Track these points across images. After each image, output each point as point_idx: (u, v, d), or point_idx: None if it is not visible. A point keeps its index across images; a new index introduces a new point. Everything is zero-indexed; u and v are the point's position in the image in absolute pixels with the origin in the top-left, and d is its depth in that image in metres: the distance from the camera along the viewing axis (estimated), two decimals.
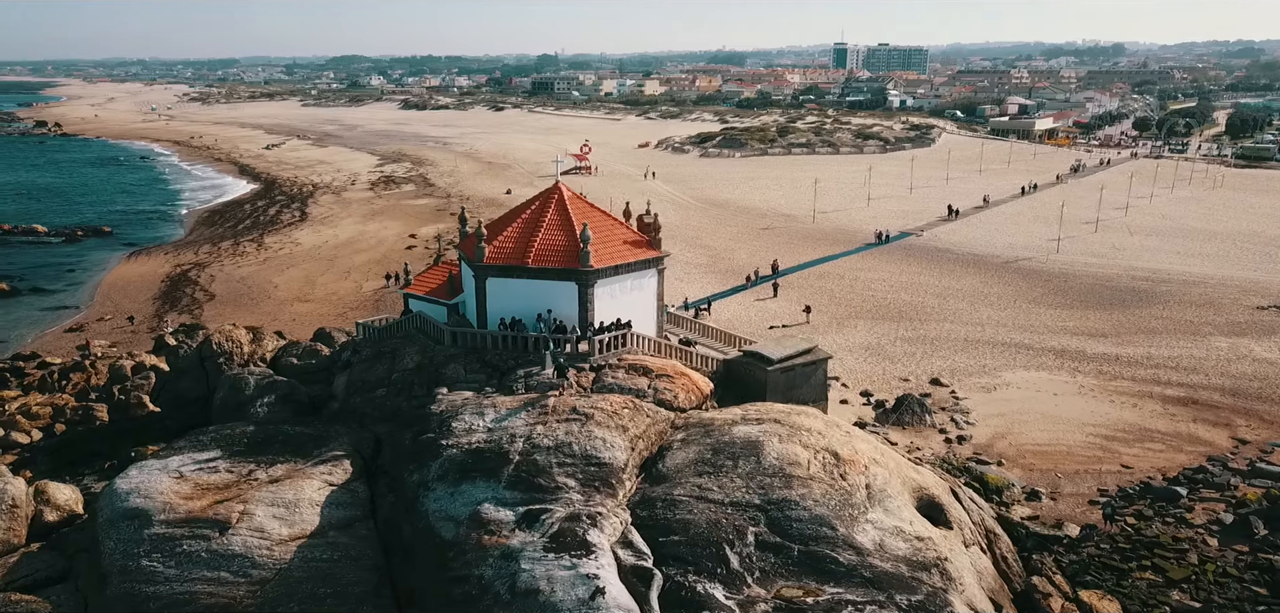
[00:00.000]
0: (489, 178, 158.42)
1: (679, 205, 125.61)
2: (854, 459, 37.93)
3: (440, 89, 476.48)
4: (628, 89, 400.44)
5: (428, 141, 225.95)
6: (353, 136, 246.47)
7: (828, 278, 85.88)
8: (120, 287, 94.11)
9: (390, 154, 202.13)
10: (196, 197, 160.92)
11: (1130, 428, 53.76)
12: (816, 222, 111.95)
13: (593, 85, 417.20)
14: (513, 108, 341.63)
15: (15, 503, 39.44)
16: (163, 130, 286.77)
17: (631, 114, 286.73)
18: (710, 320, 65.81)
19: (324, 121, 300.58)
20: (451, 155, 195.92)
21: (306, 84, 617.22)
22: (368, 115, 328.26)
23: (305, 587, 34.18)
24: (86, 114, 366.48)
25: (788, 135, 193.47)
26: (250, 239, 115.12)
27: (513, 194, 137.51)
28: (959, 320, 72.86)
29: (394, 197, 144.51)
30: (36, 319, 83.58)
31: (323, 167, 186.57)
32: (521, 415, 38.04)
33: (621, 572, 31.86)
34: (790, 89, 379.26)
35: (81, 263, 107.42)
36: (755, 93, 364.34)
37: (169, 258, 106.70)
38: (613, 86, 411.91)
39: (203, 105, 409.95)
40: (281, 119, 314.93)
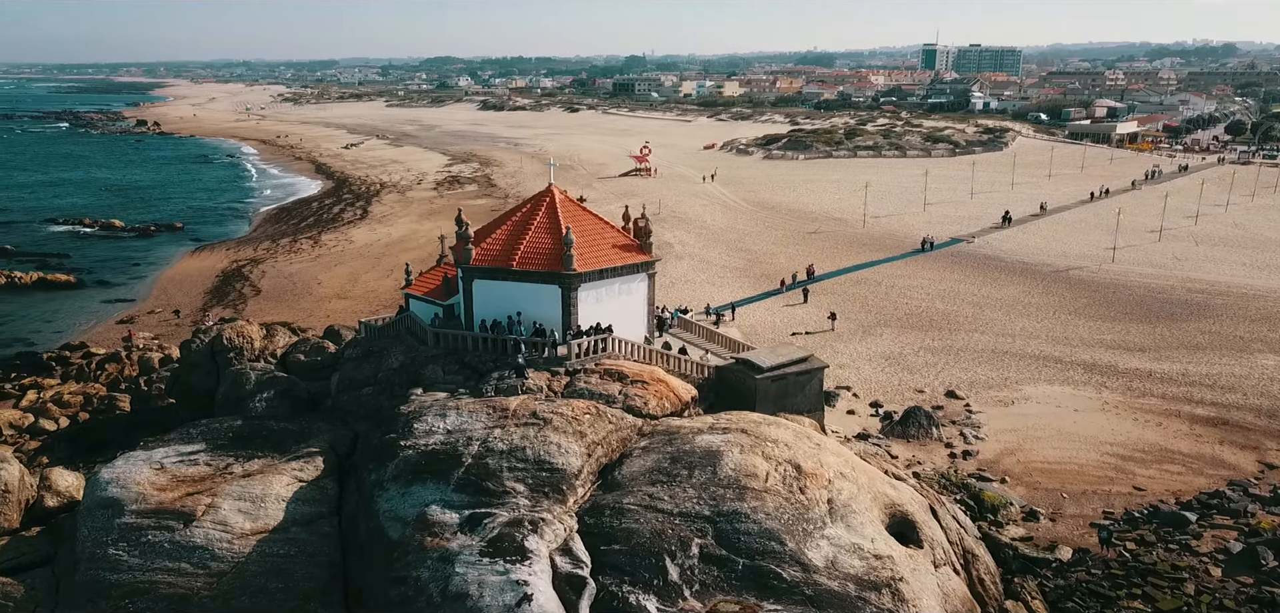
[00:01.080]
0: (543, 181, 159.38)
1: (729, 208, 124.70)
2: (817, 473, 37.02)
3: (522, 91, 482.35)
4: (706, 90, 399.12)
5: (500, 142, 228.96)
6: (429, 137, 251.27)
7: (864, 285, 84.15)
8: (177, 281, 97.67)
9: (461, 154, 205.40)
10: (269, 194, 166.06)
11: (1150, 448, 51.41)
12: (867, 226, 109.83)
13: (672, 87, 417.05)
14: (588, 109, 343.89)
15: (8, 488, 41.21)
16: (253, 129, 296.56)
17: (704, 115, 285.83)
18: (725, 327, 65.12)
19: (404, 122, 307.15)
20: (519, 156, 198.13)
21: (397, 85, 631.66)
22: (447, 116, 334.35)
23: (258, 580, 34.88)
24: (186, 113, 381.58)
25: (855, 138, 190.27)
26: (308, 236, 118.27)
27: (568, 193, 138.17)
28: (991, 331, 70.63)
29: (455, 196, 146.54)
30: (94, 311, 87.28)
31: (395, 166, 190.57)
32: (482, 418, 38.18)
33: (556, 579, 31.70)
34: (872, 91, 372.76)
35: (148, 257, 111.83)
36: (836, 94, 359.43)
37: (228, 254, 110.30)
38: (691, 88, 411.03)
39: (294, 105, 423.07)
40: (365, 119, 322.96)
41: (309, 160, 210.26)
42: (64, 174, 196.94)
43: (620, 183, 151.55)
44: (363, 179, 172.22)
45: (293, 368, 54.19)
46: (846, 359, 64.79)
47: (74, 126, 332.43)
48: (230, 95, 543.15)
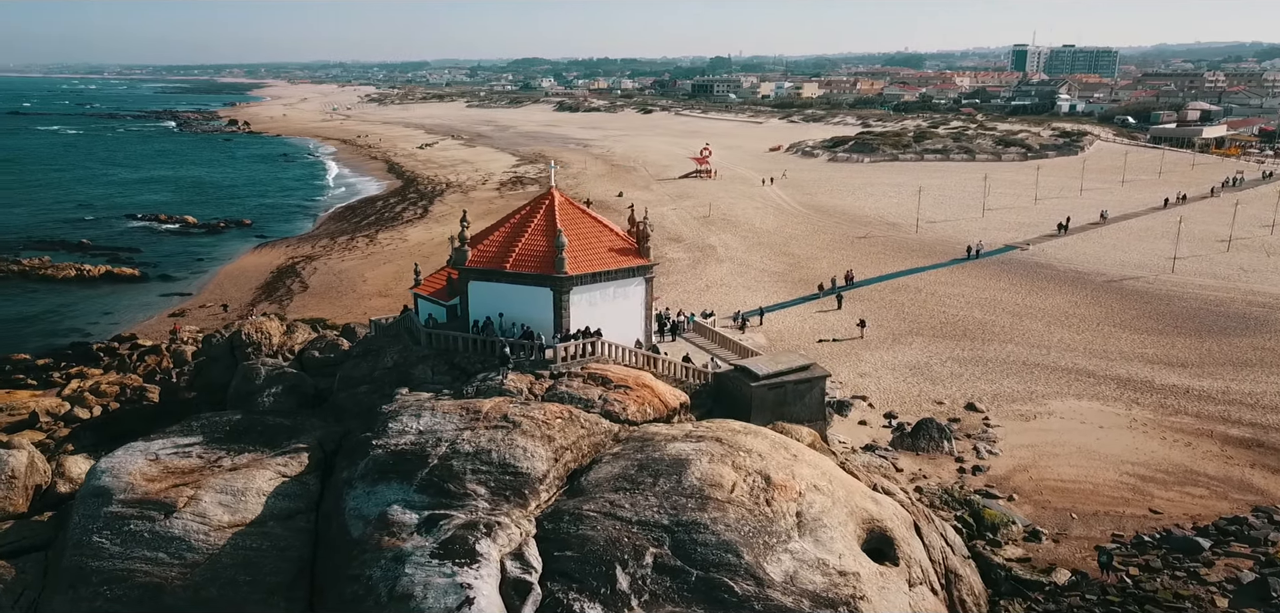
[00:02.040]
0: (610, 180, 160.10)
1: (782, 211, 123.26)
2: (787, 485, 36.28)
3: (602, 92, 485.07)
4: (785, 92, 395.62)
5: (570, 143, 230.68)
6: (502, 138, 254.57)
7: (904, 292, 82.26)
8: (233, 277, 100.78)
9: (529, 155, 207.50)
10: (339, 193, 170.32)
11: (1174, 469, 49.14)
12: (919, 232, 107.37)
13: (750, 88, 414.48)
14: (661, 111, 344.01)
15: (14, 474, 43.03)
16: (336, 129, 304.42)
17: (775, 117, 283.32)
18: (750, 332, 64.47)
19: (481, 122, 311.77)
20: (586, 157, 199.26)
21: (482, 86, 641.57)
22: (523, 117, 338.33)
23: (228, 573, 35.60)
24: (276, 113, 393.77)
25: (923, 141, 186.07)
26: (365, 235, 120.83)
27: (624, 197, 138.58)
28: (1026, 342, 68.33)
29: (516, 197, 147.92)
30: (150, 303, 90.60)
31: (464, 166, 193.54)
32: (454, 420, 38.40)
33: (503, 584, 31.72)
34: (955, 93, 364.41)
35: (212, 253, 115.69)
36: (917, 96, 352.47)
37: (287, 250, 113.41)
38: (770, 89, 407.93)
39: (379, 106, 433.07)
40: (443, 120, 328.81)
41: (383, 160, 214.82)
42: (153, 171, 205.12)
43: (678, 184, 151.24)
44: (430, 179, 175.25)
45: (308, 364, 55.38)
46: (869, 368, 63.47)
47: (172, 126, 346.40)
48: (322, 96, 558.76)
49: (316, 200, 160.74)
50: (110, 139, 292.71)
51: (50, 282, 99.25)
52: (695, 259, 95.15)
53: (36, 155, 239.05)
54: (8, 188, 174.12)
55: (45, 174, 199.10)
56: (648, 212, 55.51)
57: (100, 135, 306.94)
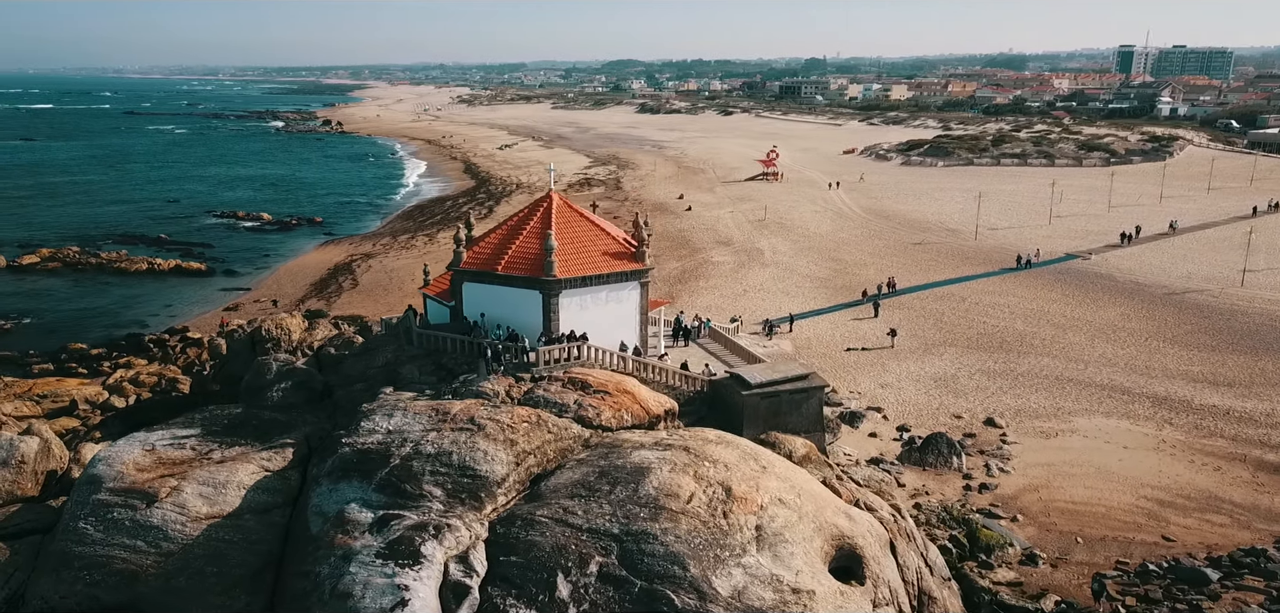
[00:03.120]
0: (676, 182, 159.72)
1: (841, 216, 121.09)
2: (747, 497, 35.46)
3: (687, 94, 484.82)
4: (873, 94, 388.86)
5: (646, 145, 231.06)
6: (581, 139, 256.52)
7: (947, 300, 79.91)
8: (292, 273, 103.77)
9: (603, 157, 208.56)
10: (412, 192, 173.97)
11: (1197, 494, 46.60)
12: (978, 239, 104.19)
13: (837, 90, 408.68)
14: (742, 113, 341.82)
15: (24, 459, 44.94)
16: (423, 130, 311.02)
17: (855, 119, 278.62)
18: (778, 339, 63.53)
19: (563, 124, 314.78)
20: (658, 159, 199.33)
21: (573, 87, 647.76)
22: (604, 118, 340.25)
23: (197, 564, 36.45)
24: (370, 114, 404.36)
25: (1002, 145, 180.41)
26: (427, 234, 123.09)
27: (685, 199, 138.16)
28: (1064, 355, 65.65)
29: (580, 198, 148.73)
30: (209, 297, 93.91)
31: (537, 167, 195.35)
32: (423, 421, 38.66)
33: (443, 586, 31.81)
34: (1051, 95, 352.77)
35: (279, 249, 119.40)
36: (1011, 99, 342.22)
37: (349, 248, 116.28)
38: (857, 92, 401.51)
39: (468, 107, 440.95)
40: (527, 121, 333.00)
41: (462, 160, 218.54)
42: (243, 169, 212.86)
43: (743, 187, 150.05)
44: (503, 180, 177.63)
45: (324, 361, 56.41)
46: (893, 378, 61.83)
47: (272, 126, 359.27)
48: (418, 97, 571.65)
49: (389, 199, 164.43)
50: (212, 138, 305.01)
51: (123, 274, 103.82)
52: (740, 263, 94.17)
53: (141, 153, 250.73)
54: (109, 184, 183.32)
55: (145, 171, 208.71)
56: (646, 218, 54.92)
57: (204, 135, 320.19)
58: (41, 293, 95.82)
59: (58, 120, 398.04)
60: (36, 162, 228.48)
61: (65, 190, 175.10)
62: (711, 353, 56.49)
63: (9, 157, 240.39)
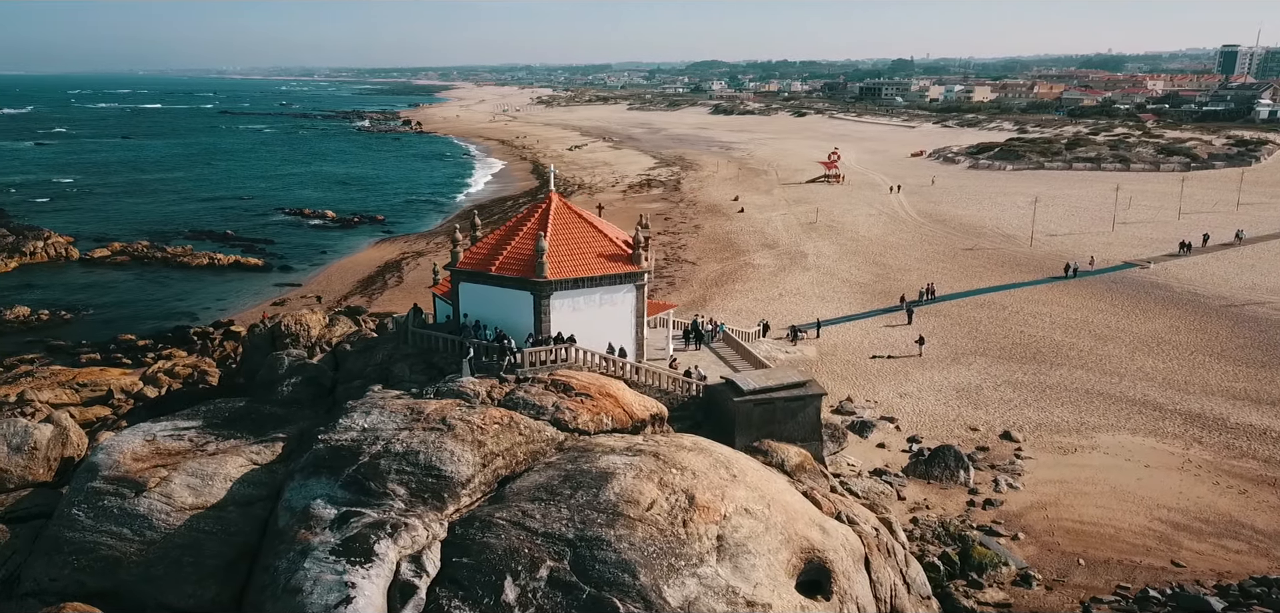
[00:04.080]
0: (735, 184, 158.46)
1: (895, 219, 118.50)
2: (709, 507, 34.84)
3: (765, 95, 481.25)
4: (954, 95, 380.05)
5: (713, 146, 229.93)
6: (650, 140, 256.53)
7: (987, 308, 77.47)
8: (344, 270, 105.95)
9: (669, 158, 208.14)
10: (475, 192, 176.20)
11: (1216, 518, 44.26)
12: (1033, 246, 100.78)
13: (918, 92, 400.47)
14: (816, 114, 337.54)
15: (36, 445, 46.72)
16: (498, 130, 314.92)
17: (930, 121, 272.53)
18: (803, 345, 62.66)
19: (635, 124, 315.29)
20: (722, 160, 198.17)
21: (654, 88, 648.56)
22: (677, 119, 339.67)
23: (175, 553, 37.30)
24: (450, 115, 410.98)
25: (1076, 148, 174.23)
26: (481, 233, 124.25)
27: (740, 201, 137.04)
28: (1099, 368, 63.06)
29: (637, 200, 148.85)
30: (260, 292, 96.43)
31: (603, 168, 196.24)
32: (397, 419, 38.96)
33: (392, 585, 31.97)
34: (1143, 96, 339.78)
35: (337, 246, 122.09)
36: (1098, 100, 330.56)
37: (403, 246, 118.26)
38: (939, 93, 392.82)
39: (546, 108, 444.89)
40: (601, 122, 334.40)
41: (530, 160, 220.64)
42: (318, 168, 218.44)
43: (802, 189, 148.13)
44: (566, 180, 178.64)
45: (340, 357, 57.49)
46: (913, 388, 60.20)
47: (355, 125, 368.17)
48: (501, 98, 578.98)
49: (452, 198, 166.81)
50: (297, 138, 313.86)
51: (185, 269, 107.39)
52: (781, 266, 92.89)
53: (227, 152, 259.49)
54: (192, 182, 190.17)
55: (228, 169, 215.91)
56: (646, 219, 54.50)
57: (291, 134, 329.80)
58: (106, 285, 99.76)
59: (156, 119, 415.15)
60: (129, 159, 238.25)
61: (150, 187, 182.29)
62: (723, 358, 55.81)
63: (107, 154, 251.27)
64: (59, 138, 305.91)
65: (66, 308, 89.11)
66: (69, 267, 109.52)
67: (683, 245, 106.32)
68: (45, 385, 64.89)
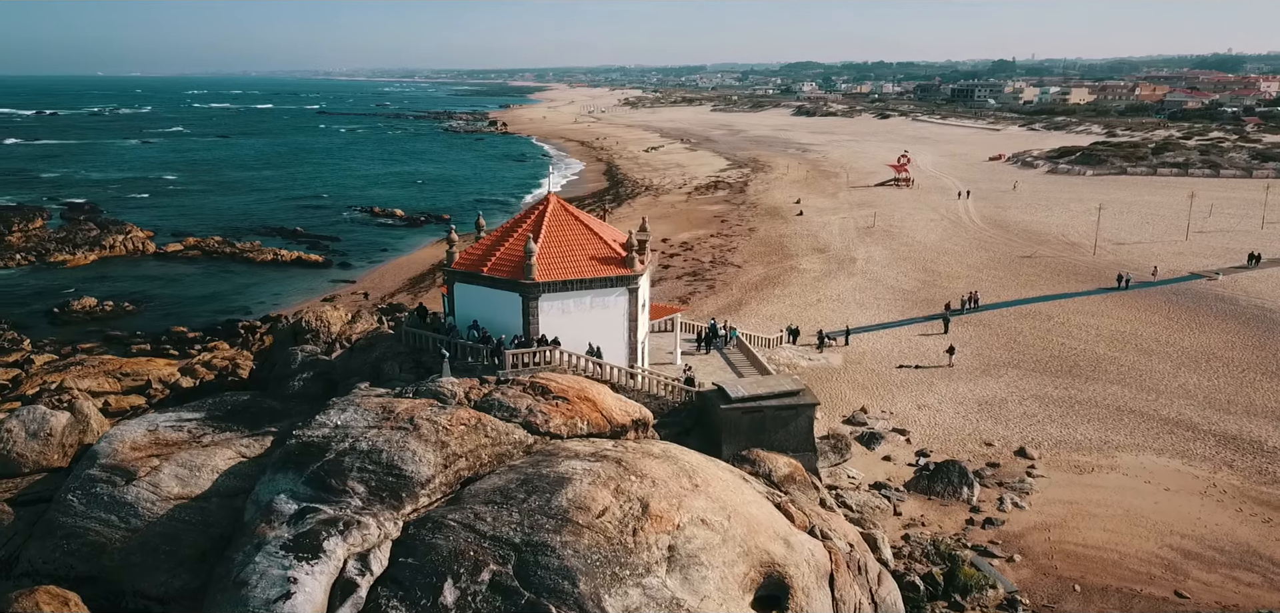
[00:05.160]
0: (802, 187, 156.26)
1: (956, 225, 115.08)
2: (663, 516, 34.25)
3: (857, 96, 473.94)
4: (1049, 97, 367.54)
5: (790, 148, 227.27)
6: (727, 141, 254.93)
7: (1030, 318, 74.53)
8: (399, 268, 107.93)
9: (742, 159, 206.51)
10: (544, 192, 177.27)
11: (1232, 547, 41.77)
12: (1097, 254, 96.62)
13: (1012, 94, 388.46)
14: (900, 116, 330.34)
15: (51, 432, 48.45)
16: (580, 131, 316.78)
17: (1016, 124, 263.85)
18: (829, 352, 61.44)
19: (716, 126, 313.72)
20: (794, 162, 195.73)
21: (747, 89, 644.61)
22: (758, 121, 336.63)
23: (154, 541, 38.30)
24: (536, 116, 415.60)
25: (1163, 153, 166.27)
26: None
27: (801, 204, 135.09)
28: (1137, 384, 60.07)
29: (702, 201, 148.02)
30: (315, 288, 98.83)
31: (675, 170, 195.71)
32: (369, 417, 39.33)
33: (336, 583, 32.26)
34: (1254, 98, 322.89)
35: (398, 244, 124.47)
36: (1204, 103, 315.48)
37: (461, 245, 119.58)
38: (1033, 95, 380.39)
39: (631, 109, 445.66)
40: (682, 123, 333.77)
41: (605, 161, 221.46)
42: (398, 167, 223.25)
43: (869, 193, 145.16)
44: (636, 181, 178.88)
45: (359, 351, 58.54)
46: (934, 400, 58.29)
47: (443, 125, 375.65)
48: (590, 99, 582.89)
49: (521, 199, 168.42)
50: (385, 137, 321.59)
51: (250, 264, 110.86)
52: (827, 271, 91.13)
53: (315, 151, 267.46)
54: (276, 180, 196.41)
55: (313, 168, 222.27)
56: (646, 222, 54.00)
57: (381, 134, 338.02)
58: (173, 278, 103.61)
59: (258, 119, 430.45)
60: (226, 157, 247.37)
61: (239, 184, 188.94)
62: (733, 364, 55.02)
63: (204, 152, 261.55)
64: (165, 136, 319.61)
65: (131, 300, 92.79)
66: (144, 260, 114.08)
67: (733, 248, 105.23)
68: (91, 374, 67.68)
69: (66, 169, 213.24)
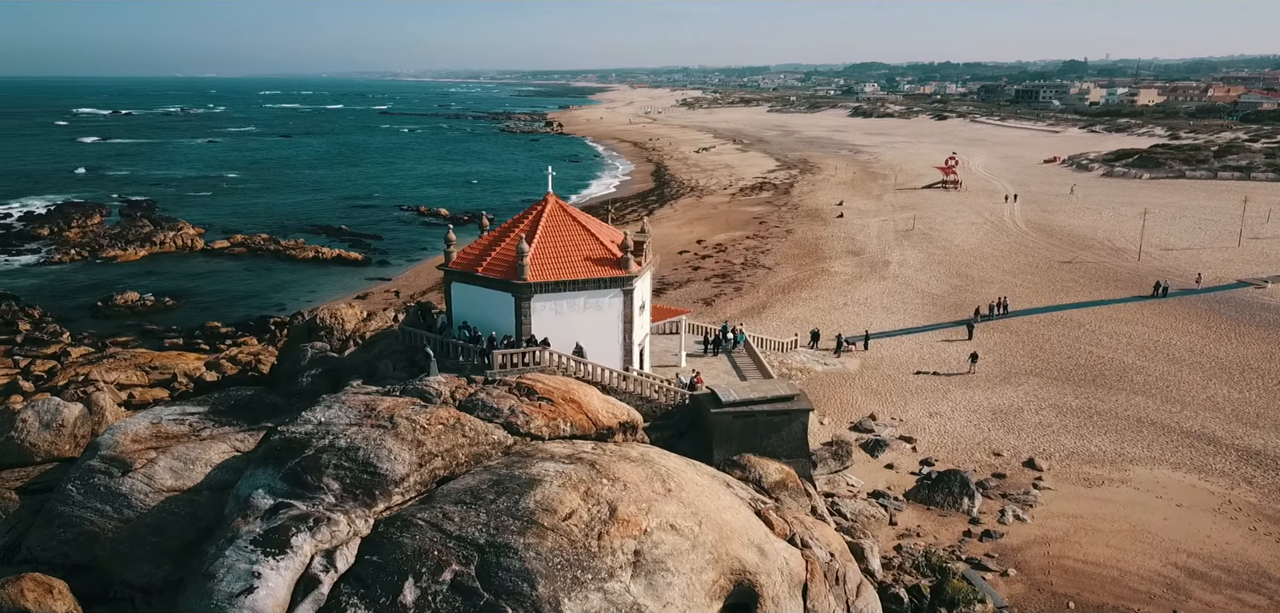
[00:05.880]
0: (846, 189, 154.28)
1: (999, 229, 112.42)
2: (629, 520, 33.89)
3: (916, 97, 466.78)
4: (1117, 99, 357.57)
5: (843, 149, 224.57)
6: (780, 142, 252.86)
7: (1060, 326, 72.43)
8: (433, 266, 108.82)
9: (792, 161, 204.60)
10: (591, 191, 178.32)
11: (1241, 567, 40.16)
12: (1141, 260, 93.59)
13: (1077, 95, 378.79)
14: (957, 118, 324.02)
15: (63, 423, 49.83)
16: (635, 132, 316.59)
17: (1076, 127, 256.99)
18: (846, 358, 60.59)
19: (770, 127, 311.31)
20: (844, 163, 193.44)
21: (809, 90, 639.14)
22: (814, 122, 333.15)
23: (143, 532, 39.03)
24: (593, 117, 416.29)
25: (1226, 156, 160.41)
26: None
27: (843, 206, 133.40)
28: (1162, 395, 58.01)
29: (745, 203, 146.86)
30: (350, 285, 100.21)
31: (723, 170, 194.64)
32: (351, 414, 39.57)
33: (300, 579, 32.51)
34: None
35: (436, 243, 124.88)
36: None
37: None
38: (1100, 96, 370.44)
39: (688, 110, 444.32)
40: (737, 124, 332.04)
41: (655, 162, 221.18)
42: (450, 167, 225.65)
43: (914, 195, 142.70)
44: (682, 182, 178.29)
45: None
46: (948, 407, 56.97)
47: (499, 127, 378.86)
48: (649, 99, 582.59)
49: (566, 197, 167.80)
50: (442, 138, 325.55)
51: (291, 261, 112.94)
52: (858, 275, 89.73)
53: (373, 150, 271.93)
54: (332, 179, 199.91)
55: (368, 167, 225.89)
56: (645, 224, 53.62)
57: (439, 134, 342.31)
58: (217, 274, 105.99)
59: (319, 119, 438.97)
60: (286, 156, 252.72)
61: (295, 183, 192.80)
62: (739, 368, 54.47)
63: (266, 151, 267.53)
64: (231, 136, 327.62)
65: (173, 295, 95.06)
66: (192, 256, 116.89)
67: (767, 250, 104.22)
68: (120, 367, 69.44)
69: (134, 167, 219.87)
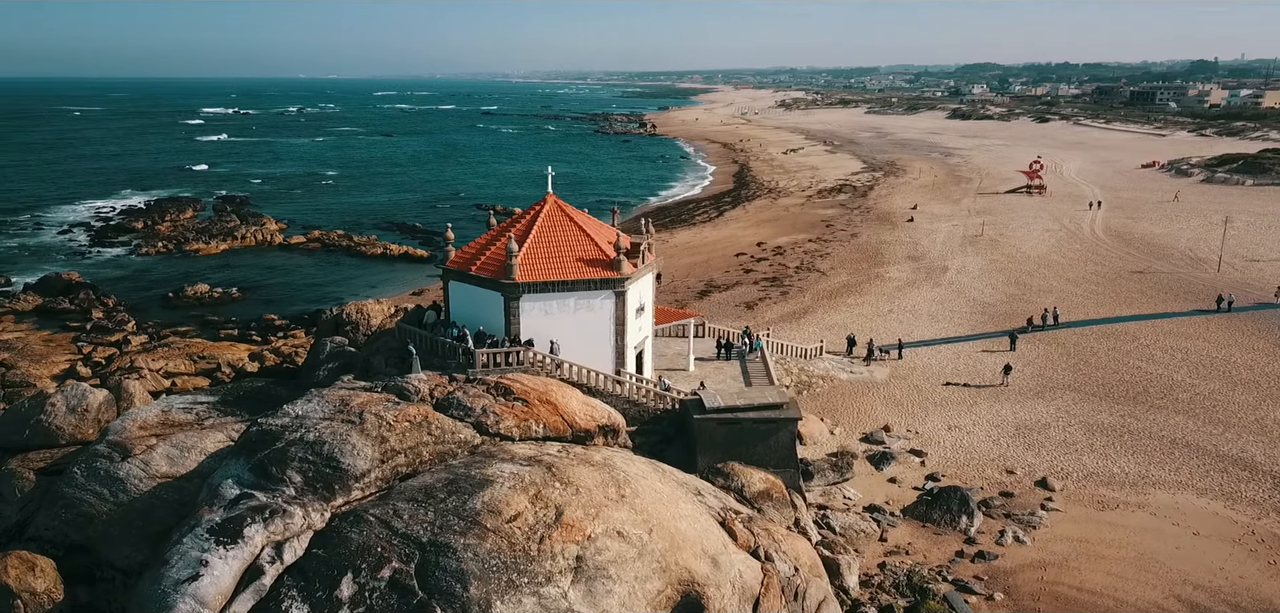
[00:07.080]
0: (925, 193, 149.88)
1: (1072, 236, 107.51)
2: (574, 525, 33.51)
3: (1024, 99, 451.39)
4: (1239, 100, 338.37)
5: (933, 152, 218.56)
6: (870, 144, 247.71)
7: (1112, 339, 68.73)
8: None
9: (879, 163, 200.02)
10: (671, 191, 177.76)
11: (1252, 604, 37.55)
12: (1220, 272, 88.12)
13: (1197, 97, 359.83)
14: (1060, 120, 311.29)
15: (87, 408, 52.02)
16: (727, 133, 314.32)
17: (1184, 130, 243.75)
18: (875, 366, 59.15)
19: (864, 129, 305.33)
20: (930, 166, 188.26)
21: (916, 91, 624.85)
22: (909, 124, 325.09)
23: (132, 516, 40.36)
24: (689, 118, 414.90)
25: None
26: None
27: (916, 210, 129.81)
28: (1207, 417, 54.47)
29: (819, 205, 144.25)
30: (409, 281, 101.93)
31: (807, 172, 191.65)
32: (326, 409, 40.16)
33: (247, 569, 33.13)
34: None
35: None
36: None
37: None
38: (1221, 97, 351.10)
39: (785, 111, 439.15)
40: (830, 125, 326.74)
41: (741, 164, 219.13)
42: (534, 166, 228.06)
43: (995, 200, 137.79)
44: (762, 183, 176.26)
45: None
46: (969, 422, 54.71)
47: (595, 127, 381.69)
48: (749, 100, 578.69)
49: (643, 200, 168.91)
50: (537, 138, 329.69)
51: (360, 257, 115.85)
52: (912, 281, 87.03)
53: (468, 149, 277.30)
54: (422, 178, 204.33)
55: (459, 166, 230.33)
56: (647, 225, 52.92)
57: (534, 134, 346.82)
58: (287, 268, 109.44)
59: (423, 119, 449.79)
60: (384, 155, 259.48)
61: (386, 181, 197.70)
62: (747, 373, 53.54)
63: (365, 150, 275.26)
64: (335, 135, 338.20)
65: (241, 287, 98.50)
66: (269, 251, 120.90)
67: (826, 254, 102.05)
68: (172, 355, 72.34)
69: (238, 164, 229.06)
